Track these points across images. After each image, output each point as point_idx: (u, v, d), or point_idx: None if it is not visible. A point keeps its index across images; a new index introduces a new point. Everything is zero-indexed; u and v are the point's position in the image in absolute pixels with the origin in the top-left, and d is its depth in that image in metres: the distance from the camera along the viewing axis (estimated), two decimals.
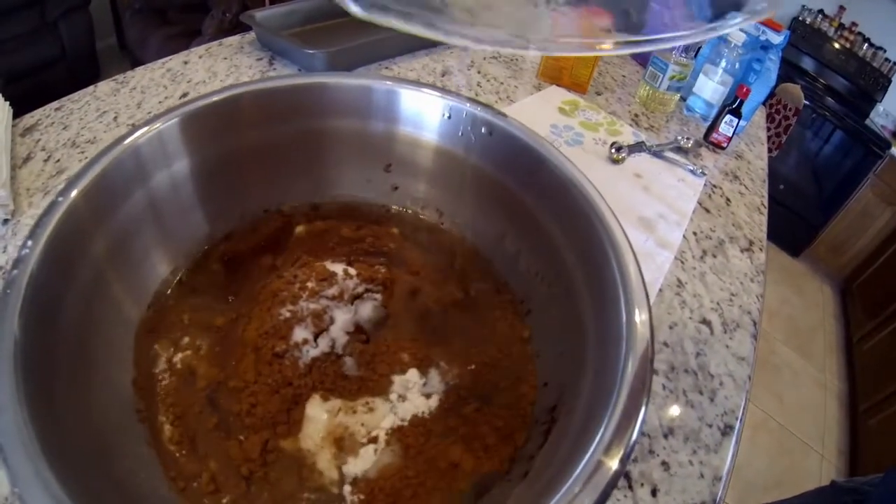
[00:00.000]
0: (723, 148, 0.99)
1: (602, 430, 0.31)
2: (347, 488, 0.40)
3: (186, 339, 0.47)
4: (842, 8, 2.58)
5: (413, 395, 0.46)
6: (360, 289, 0.52)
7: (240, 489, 0.39)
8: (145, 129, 0.46)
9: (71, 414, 0.33)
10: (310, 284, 0.49)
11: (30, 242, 0.36)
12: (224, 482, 0.39)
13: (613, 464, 0.29)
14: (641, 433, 0.49)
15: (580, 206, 0.46)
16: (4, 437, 0.26)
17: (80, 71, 2.52)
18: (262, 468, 0.40)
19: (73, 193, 0.39)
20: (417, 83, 0.58)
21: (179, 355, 0.46)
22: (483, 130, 0.55)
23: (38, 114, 0.73)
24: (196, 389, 0.44)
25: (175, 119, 0.48)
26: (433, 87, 0.57)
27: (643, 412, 0.32)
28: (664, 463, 0.49)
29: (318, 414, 0.43)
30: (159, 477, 0.38)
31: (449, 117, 0.56)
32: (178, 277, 0.51)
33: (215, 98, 0.50)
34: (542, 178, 0.51)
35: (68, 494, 0.26)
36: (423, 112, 0.57)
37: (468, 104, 0.55)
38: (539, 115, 0.93)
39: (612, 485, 0.28)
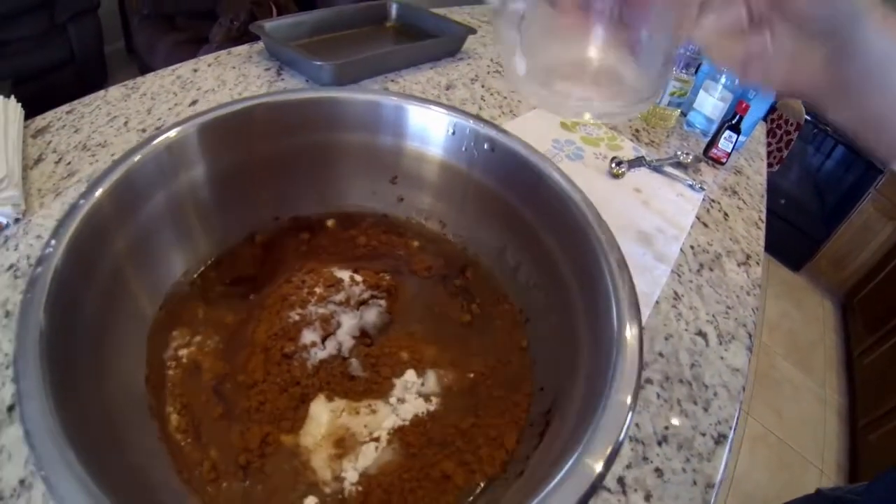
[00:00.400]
0: (722, 163, 1.01)
1: (590, 432, 0.32)
2: (347, 483, 0.42)
3: (198, 338, 0.49)
4: None
5: (411, 396, 0.48)
6: (366, 295, 0.54)
7: (237, 477, 0.41)
8: (165, 135, 0.48)
9: (90, 406, 0.35)
10: (318, 290, 0.51)
11: (53, 241, 0.37)
12: (224, 470, 0.41)
13: (598, 465, 0.31)
14: (636, 440, 0.51)
15: (577, 222, 0.48)
16: (31, 424, 0.28)
17: (89, 74, 2.54)
18: (260, 459, 0.42)
19: (97, 193, 0.41)
20: (424, 100, 0.60)
21: (185, 350, 0.48)
22: (485, 146, 0.57)
23: (49, 116, 0.75)
24: (202, 381, 0.46)
25: (194, 127, 0.50)
26: (439, 103, 0.59)
27: (629, 417, 0.33)
28: (658, 469, 0.50)
29: (322, 413, 0.45)
30: (168, 468, 0.40)
31: (453, 133, 0.58)
32: (190, 279, 0.53)
33: (232, 108, 0.52)
34: (542, 194, 0.53)
35: (91, 478, 0.27)
36: (429, 127, 0.59)
37: (471, 121, 0.57)
38: (541, 129, 0.95)
39: (595, 484, 0.30)
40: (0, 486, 0.38)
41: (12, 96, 0.71)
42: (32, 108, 0.73)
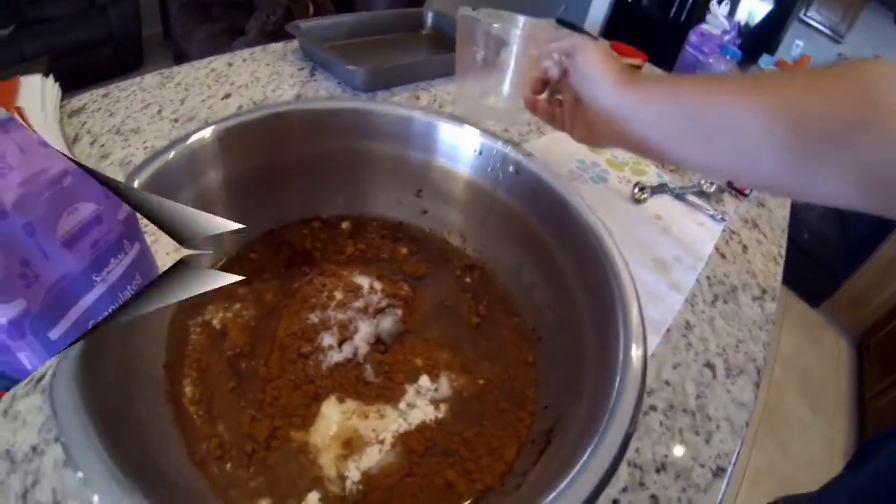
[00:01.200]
0: (745, 194, 1.01)
1: (588, 453, 0.34)
2: (350, 482, 0.43)
3: (237, 306, 0.52)
4: (877, 57, 2.57)
5: (422, 402, 0.49)
6: (384, 303, 0.55)
7: (242, 463, 0.42)
8: (200, 134, 0.50)
9: (113, 387, 0.37)
10: (338, 295, 0.52)
11: None
12: (229, 451, 0.42)
13: (592, 484, 0.32)
14: (635, 465, 0.51)
15: (594, 250, 0.49)
16: (69, 435, 0.30)
17: (125, 55, 2.64)
18: (265, 451, 0.43)
19: (135, 184, 0.43)
20: (455, 118, 0.61)
21: (220, 315, 0.51)
22: (511, 169, 0.58)
23: (85, 98, 0.77)
24: (221, 349, 0.48)
25: (227, 127, 0.52)
26: (469, 122, 0.61)
27: (627, 440, 0.35)
28: (653, 496, 0.50)
29: (333, 413, 0.46)
30: (180, 449, 0.41)
31: (480, 153, 0.60)
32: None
33: (267, 112, 0.55)
34: (562, 220, 0.54)
35: (114, 462, 0.29)
36: (458, 146, 0.61)
37: (499, 143, 0.59)
38: (568, 148, 0.95)
39: (590, 501, 0.31)
40: (13, 450, 0.39)
41: (51, 76, 0.73)
42: (69, 83, 0.76)
